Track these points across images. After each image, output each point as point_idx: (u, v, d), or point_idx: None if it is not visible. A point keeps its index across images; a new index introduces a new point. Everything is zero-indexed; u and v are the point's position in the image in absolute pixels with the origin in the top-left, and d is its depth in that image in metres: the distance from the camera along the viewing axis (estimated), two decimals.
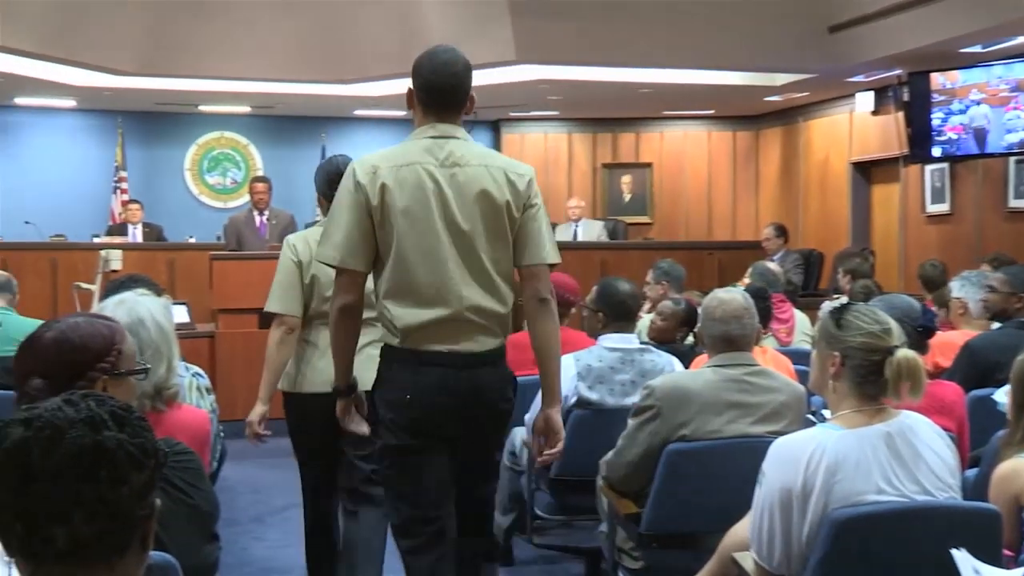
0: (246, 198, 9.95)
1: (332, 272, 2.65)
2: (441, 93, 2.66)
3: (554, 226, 9.51)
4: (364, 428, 2.75)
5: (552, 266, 2.67)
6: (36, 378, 1.88)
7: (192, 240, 9.49)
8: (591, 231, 9.69)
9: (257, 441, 3.45)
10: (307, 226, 7.70)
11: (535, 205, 2.66)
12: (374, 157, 2.63)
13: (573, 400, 3.60)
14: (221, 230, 8.96)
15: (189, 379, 2.95)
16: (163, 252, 8.86)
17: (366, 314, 2.67)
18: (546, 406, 2.71)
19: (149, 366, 2.19)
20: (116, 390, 1.96)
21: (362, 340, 2.73)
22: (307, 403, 3.34)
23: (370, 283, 2.65)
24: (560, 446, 2.70)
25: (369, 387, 2.69)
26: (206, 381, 3.04)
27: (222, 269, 7.06)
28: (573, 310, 4.38)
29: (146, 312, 2.51)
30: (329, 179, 3.40)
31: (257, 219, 8.15)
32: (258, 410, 3.45)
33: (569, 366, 3.56)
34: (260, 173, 11.30)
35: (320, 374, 3.30)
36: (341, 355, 2.66)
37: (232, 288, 6.92)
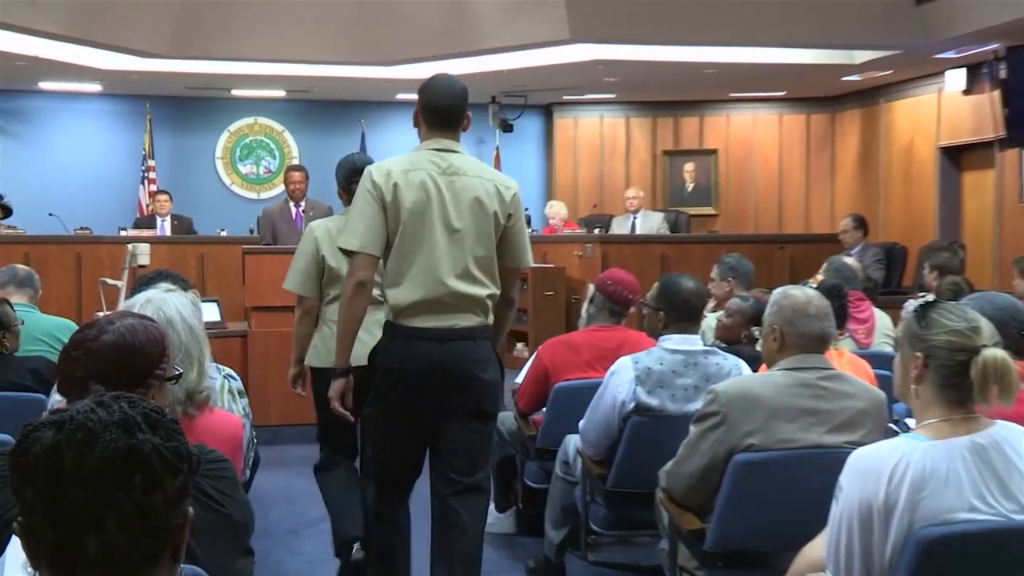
0: (281, 188, 10.05)
1: (343, 260, 3.49)
2: (442, 113, 3.46)
3: (610, 218, 9.47)
4: (349, 416, 3.45)
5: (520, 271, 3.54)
6: (95, 383, 1.90)
7: (224, 233, 9.57)
8: (650, 223, 9.71)
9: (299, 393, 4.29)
10: None
11: (519, 216, 3.49)
12: (388, 163, 3.43)
13: (632, 405, 3.62)
14: (254, 222, 9.04)
15: (221, 381, 2.97)
16: (193, 246, 8.93)
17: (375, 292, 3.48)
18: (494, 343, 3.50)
19: (181, 371, 2.24)
20: (156, 396, 2.02)
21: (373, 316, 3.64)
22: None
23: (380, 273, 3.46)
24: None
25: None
26: (239, 384, 3.06)
27: (255, 264, 7.09)
28: (632, 309, 4.37)
29: (174, 312, 2.53)
30: (347, 175, 4.23)
31: (293, 210, 8.16)
32: (291, 372, 4.34)
33: (627, 369, 3.60)
34: (296, 161, 11.39)
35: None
36: (346, 334, 3.36)
37: (266, 284, 6.93)
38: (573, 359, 4.23)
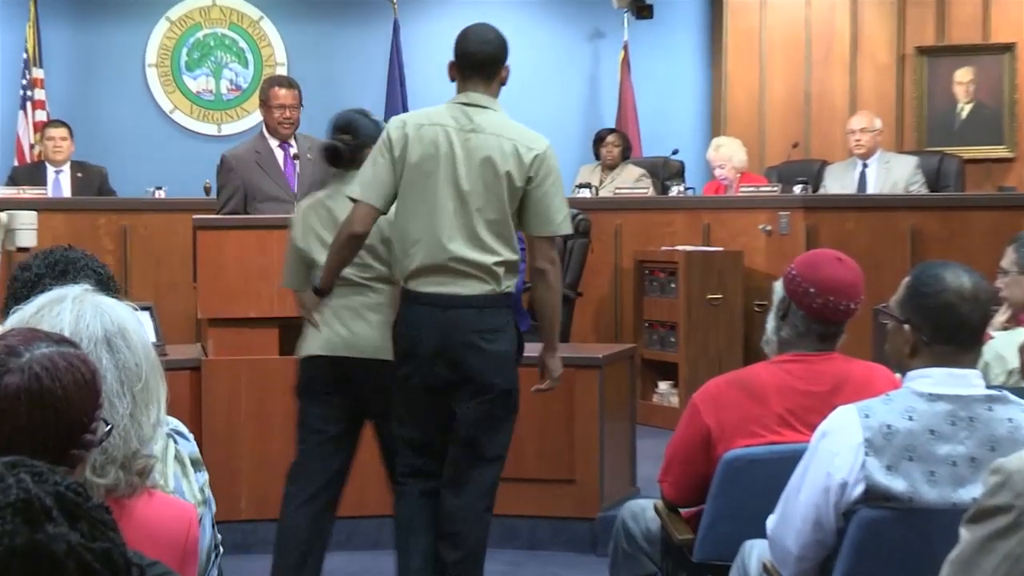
0: (257, 116, 10.12)
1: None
2: (472, 63, 5.04)
3: (821, 166, 9.47)
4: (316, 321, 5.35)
5: (560, 238, 5.39)
6: None
7: (160, 194, 9.71)
8: (894, 175, 9.80)
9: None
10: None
11: (542, 179, 4.96)
12: (407, 115, 5.20)
13: (859, 490, 3.63)
14: (212, 175, 9.09)
15: (162, 443, 3.06)
16: (109, 215, 9.13)
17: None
18: (542, 353, 5.20)
19: (111, 425, 2.40)
20: (78, 469, 2.22)
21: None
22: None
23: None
24: (548, 384, 5.23)
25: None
26: (192, 446, 3.21)
27: (215, 245, 7.15)
28: (845, 327, 4.36)
29: (118, 323, 2.68)
30: (330, 132, 5.53)
31: (278, 154, 8.22)
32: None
33: (851, 427, 3.66)
34: (282, 71, 11.59)
35: (316, 338, 5.50)
36: (333, 266, 5.11)
37: (233, 279, 7.04)
38: (755, 412, 4.30)
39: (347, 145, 5.41)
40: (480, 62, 5.02)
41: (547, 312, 5.11)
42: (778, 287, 4.38)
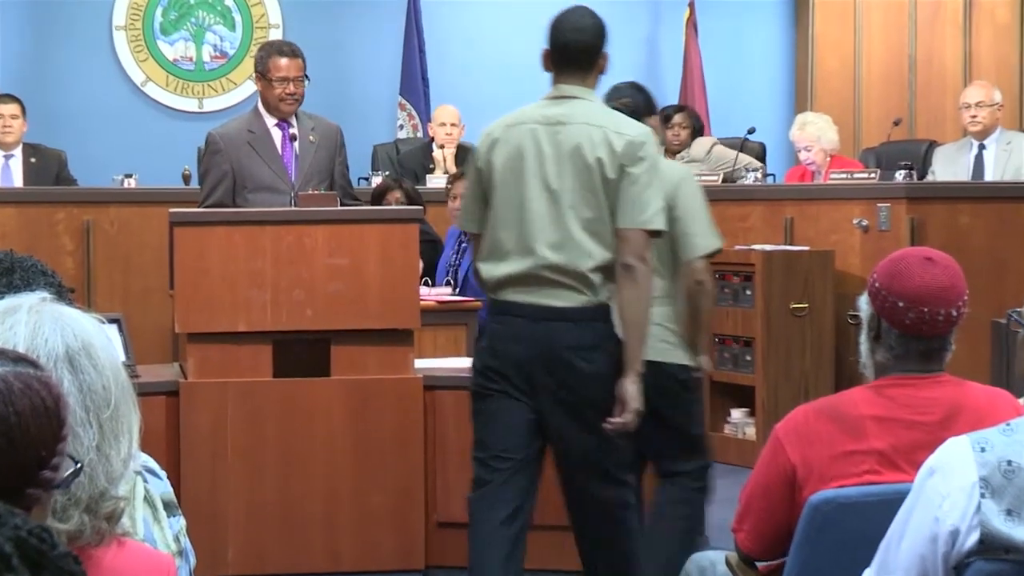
0: (249, 89, 10.49)
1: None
2: (565, 55, 5.44)
3: (928, 147, 9.50)
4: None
5: (655, 233, 5.38)
6: None
7: (131, 183, 9.86)
8: (1016, 157, 9.89)
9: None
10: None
11: (636, 167, 5.26)
12: (496, 122, 5.54)
13: (973, 538, 3.56)
14: (192, 159, 9.33)
15: (134, 482, 3.09)
16: (68, 208, 9.21)
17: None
18: (622, 375, 5.35)
19: (80, 463, 2.40)
20: (37, 512, 2.21)
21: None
22: None
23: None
24: (627, 417, 5.28)
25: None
26: (166, 487, 3.23)
27: (196, 244, 7.18)
28: (953, 338, 4.28)
29: (82, 339, 2.69)
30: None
31: (275, 134, 8.23)
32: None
33: (962, 464, 3.60)
34: (276, 34, 11.68)
35: None
36: None
37: (218, 285, 7.07)
38: (849, 447, 4.29)
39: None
40: (574, 53, 5.43)
41: (631, 318, 5.33)
42: (864, 303, 4.38)
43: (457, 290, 8.88)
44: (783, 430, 4.33)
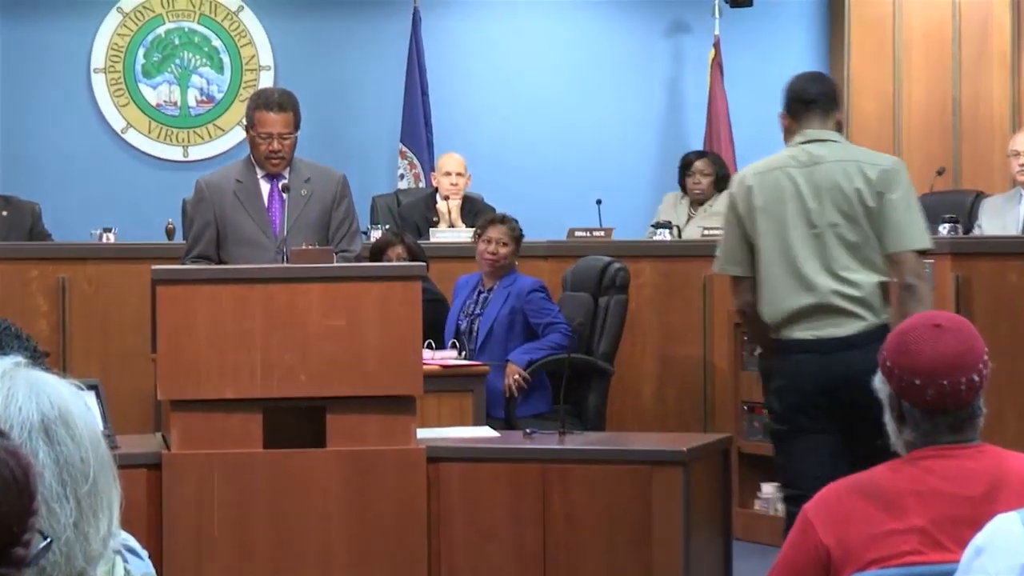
0: (237, 136, 10.47)
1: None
2: (805, 99, 6.45)
3: (975, 199, 9.57)
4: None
5: (922, 252, 6.36)
6: None
7: (109, 238, 9.98)
8: None
9: None
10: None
11: (893, 193, 6.22)
12: (746, 168, 6.73)
13: None
14: (177, 212, 9.50)
15: (113, 562, 3.03)
16: (42, 264, 9.45)
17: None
18: None
19: (49, 538, 2.43)
20: None
21: None
22: None
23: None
24: None
25: None
26: (145, 566, 3.19)
27: (180, 302, 7.24)
28: (981, 402, 4.30)
29: (58, 407, 2.70)
30: None
31: (264, 186, 8.29)
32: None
33: (1013, 541, 3.63)
34: (267, 78, 12.05)
35: None
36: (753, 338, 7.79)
37: (204, 348, 7.11)
38: (888, 525, 4.26)
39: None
40: (813, 96, 6.43)
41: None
42: (879, 383, 4.37)
43: (476, 345, 8.85)
44: (813, 510, 4.30)
